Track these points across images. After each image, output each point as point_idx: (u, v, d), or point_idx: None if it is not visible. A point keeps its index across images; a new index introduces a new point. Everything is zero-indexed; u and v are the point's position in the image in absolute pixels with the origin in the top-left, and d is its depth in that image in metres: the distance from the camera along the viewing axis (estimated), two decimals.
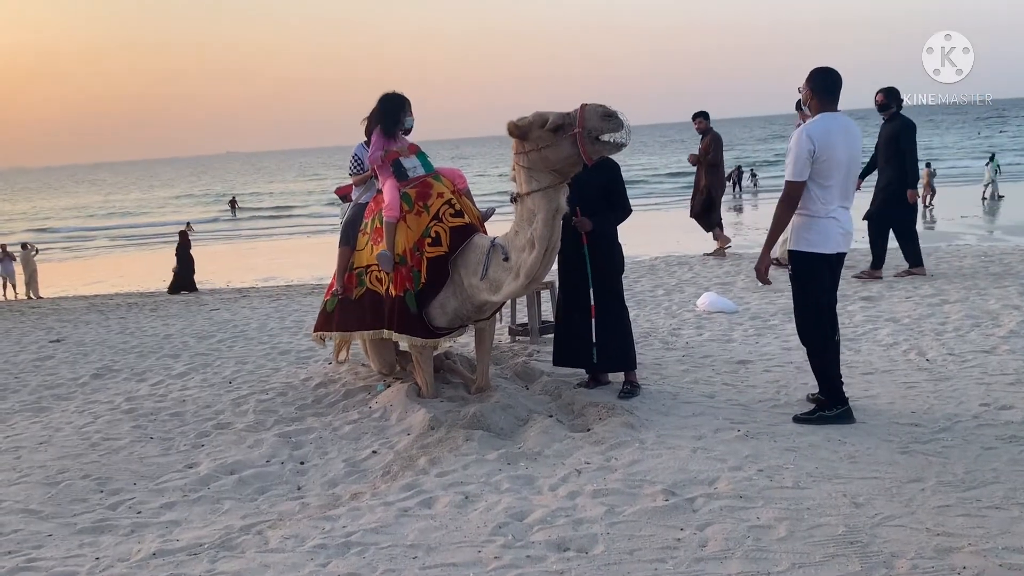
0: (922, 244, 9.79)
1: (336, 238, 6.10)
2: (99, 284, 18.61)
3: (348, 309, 5.81)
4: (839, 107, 4.75)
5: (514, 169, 4.90)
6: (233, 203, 45.78)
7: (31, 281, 18.35)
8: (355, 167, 6.18)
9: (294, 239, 27.87)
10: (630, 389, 5.47)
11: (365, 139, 5.93)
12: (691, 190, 12.46)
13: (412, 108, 5.73)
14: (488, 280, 5.09)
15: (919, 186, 25.58)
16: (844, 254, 4.83)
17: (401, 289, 5.30)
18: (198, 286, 15.01)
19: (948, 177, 30.59)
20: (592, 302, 5.39)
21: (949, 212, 20.70)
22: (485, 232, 5.50)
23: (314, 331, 6.28)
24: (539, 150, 4.68)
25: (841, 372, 4.89)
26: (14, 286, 18.58)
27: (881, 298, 8.42)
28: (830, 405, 4.79)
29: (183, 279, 15.03)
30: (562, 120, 4.58)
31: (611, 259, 5.48)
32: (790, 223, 4.76)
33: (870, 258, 9.60)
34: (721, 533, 3.44)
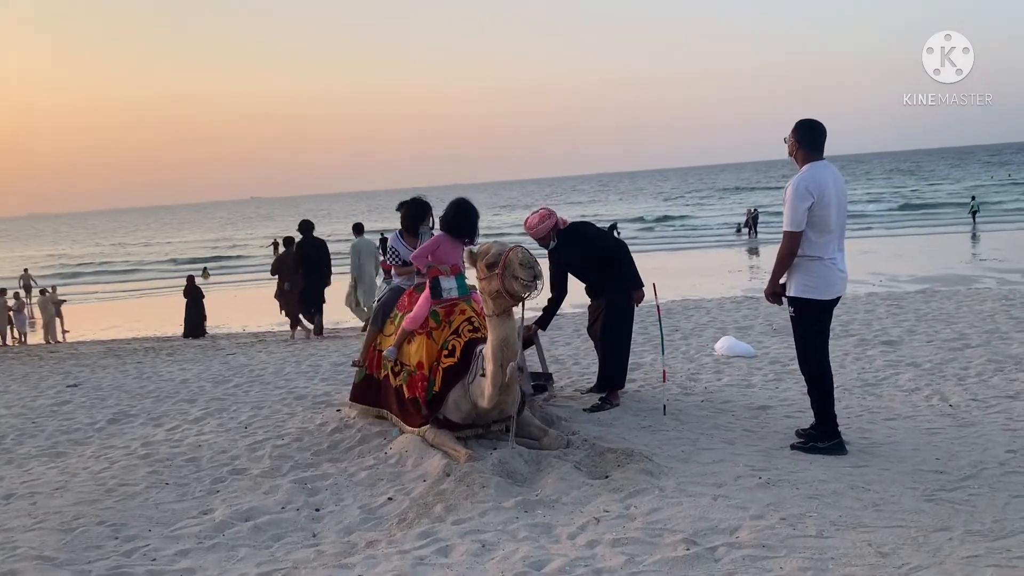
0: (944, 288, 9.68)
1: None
2: (116, 329, 18.74)
3: (371, 387, 6.25)
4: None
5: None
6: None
7: (49, 326, 18.50)
8: (394, 258, 6.50)
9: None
10: (599, 405, 6.30)
11: (399, 228, 6.48)
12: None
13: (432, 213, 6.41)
14: (475, 384, 5.30)
15: None
16: (840, 296, 5.07)
17: (413, 393, 5.59)
18: (213, 331, 15.08)
19: None
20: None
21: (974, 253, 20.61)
22: None
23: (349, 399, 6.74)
24: (480, 280, 5.05)
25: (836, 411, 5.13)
26: (24, 334, 18.83)
27: (901, 343, 8.34)
28: (823, 437, 5.01)
29: (189, 324, 15.14)
30: (494, 259, 4.91)
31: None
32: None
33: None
34: None
